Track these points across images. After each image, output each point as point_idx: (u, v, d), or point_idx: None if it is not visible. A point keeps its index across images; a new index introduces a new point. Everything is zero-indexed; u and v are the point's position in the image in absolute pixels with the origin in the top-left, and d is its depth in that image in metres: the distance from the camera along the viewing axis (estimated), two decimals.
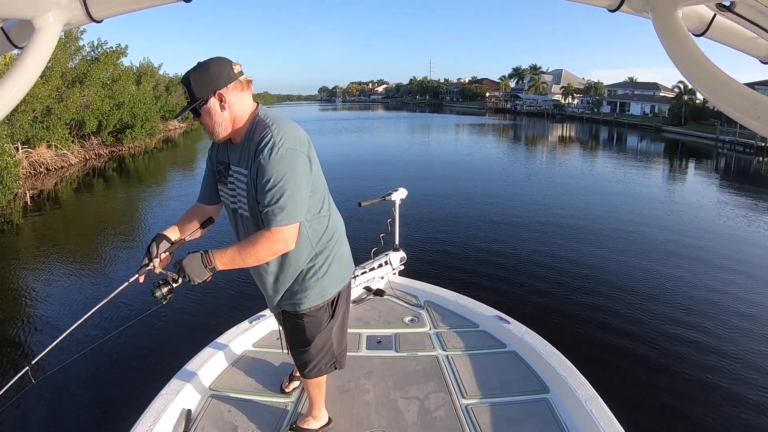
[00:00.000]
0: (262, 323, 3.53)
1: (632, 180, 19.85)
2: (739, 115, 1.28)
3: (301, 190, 1.88)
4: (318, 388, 2.47)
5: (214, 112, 1.91)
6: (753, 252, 10.11)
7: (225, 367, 3.11)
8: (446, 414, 2.65)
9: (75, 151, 22.59)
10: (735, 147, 34.78)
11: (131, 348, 5.96)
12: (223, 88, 1.88)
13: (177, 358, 3.15)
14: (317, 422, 2.53)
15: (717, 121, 42.24)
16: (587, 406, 2.52)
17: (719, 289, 7.87)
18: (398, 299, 4.09)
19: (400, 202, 4.37)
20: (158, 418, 2.48)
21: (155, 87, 38.69)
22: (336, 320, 2.30)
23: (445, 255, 9.25)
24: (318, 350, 2.29)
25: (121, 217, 13.47)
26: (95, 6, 1.45)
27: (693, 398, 5.02)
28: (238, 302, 6.80)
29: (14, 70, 1.33)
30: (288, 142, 1.84)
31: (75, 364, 5.57)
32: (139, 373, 5.21)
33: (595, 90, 69.36)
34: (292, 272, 2.12)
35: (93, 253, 10.09)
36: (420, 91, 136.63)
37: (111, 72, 26.48)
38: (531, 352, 3.13)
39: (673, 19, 1.34)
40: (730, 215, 13.70)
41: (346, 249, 2.31)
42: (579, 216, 12.60)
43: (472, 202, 14.15)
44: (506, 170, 21.57)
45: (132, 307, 6.84)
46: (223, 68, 1.90)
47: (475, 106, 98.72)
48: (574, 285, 7.86)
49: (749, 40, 1.54)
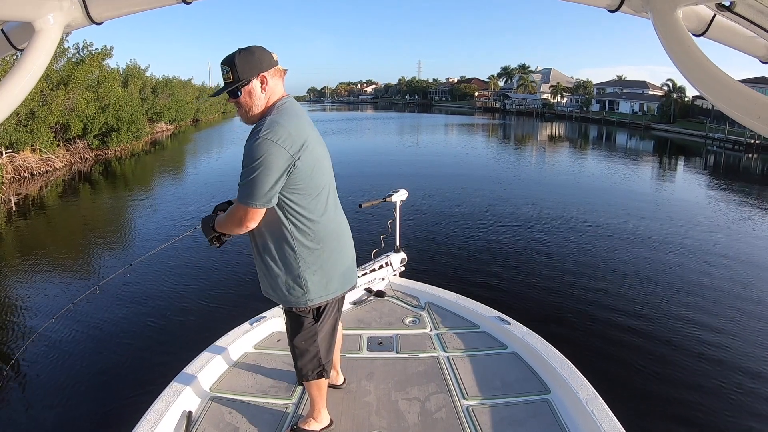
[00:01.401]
0: (263, 325, 3.53)
1: (628, 179, 19.99)
2: (739, 115, 1.30)
3: (266, 178, 1.91)
4: (318, 389, 2.48)
5: (255, 94, 2.02)
6: (759, 253, 10.07)
7: (226, 368, 3.11)
8: (447, 415, 2.65)
9: (60, 155, 22.10)
10: (724, 144, 35.08)
11: (132, 350, 5.95)
12: (266, 71, 2.02)
13: (178, 359, 3.17)
14: (318, 424, 2.53)
15: (706, 119, 42.66)
16: (588, 406, 2.52)
17: (722, 289, 7.83)
18: (399, 300, 4.09)
19: (400, 203, 4.35)
20: (159, 419, 2.49)
21: (142, 89, 38.10)
22: (322, 328, 2.33)
23: (445, 256, 9.26)
24: (302, 352, 2.34)
25: (108, 222, 13.18)
26: (95, 8, 1.48)
27: (694, 398, 5.00)
28: (238, 304, 6.81)
29: (15, 71, 1.35)
30: (272, 135, 1.90)
31: (76, 366, 5.58)
32: (140, 375, 5.20)
33: (584, 88, 69.70)
34: (273, 266, 2.18)
35: (79, 258, 9.86)
36: (409, 91, 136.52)
37: (96, 74, 26.02)
38: (532, 352, 3.13)
39: (673, 19, 1.36)
40: (734, 217, 13.71)
41: (340, 264, 2.29)
42: (579, 216, 12.58)
43: (472, 202, 14.13)
44: (502, 170, 21.58)
45: (133, 308, 6.95)
46: (266, 54, 2.04)
47: (464, 105, 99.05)
48: (575, 285, 7.83)
49: (749, 39, 1.56)
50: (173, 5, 1.60)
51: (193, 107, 54.30)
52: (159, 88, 42.86)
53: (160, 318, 6.70)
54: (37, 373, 5.49)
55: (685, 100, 53.33)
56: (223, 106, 70.27)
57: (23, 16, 1.36)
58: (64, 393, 5.09)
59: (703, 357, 5.76)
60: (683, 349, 5.93)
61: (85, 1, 1.46)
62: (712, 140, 37.15)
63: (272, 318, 3.61)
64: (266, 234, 2.14)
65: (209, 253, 8.93)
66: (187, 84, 54.88)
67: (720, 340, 6.14)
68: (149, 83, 40.74)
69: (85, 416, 4.79)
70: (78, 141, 24.19)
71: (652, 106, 56.94)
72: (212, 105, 65.81)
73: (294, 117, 2.02)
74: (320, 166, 2.11)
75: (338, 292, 2.30)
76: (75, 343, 6.13)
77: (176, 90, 47.18)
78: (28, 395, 5.10)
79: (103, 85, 26.19)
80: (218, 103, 69.27)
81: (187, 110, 49.77)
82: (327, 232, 2.18)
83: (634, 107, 60.83)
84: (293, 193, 2.03)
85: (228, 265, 8.68)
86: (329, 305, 2.31)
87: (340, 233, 2.29)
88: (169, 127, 44.74)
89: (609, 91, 67.52)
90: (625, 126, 52.75)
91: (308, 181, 2.04)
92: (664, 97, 55.12)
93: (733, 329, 6.43)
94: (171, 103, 44.30)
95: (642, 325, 6.49)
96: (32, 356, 5.83)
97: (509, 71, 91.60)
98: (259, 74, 2.00)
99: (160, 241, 9.92)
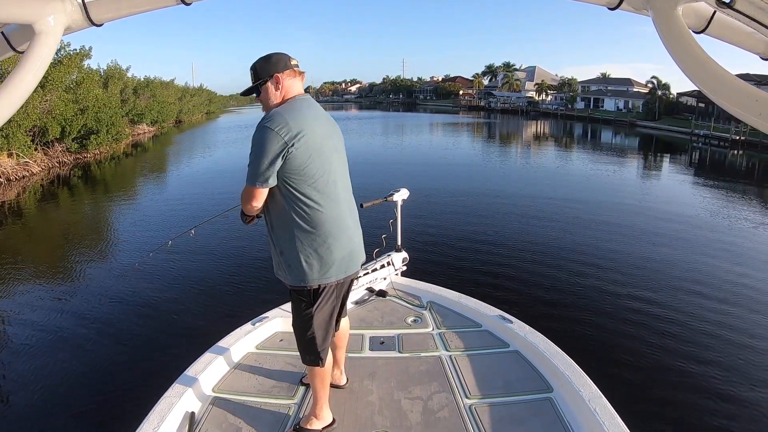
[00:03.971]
0: (265, 325, 3.54)
1: (619, 176, 20.14)
2: (740, 112, 1.30)
3: (262, 160, 2.16)
4: (320, 380, 2.55)
5: (270, 92, 2.32)
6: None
7: (228, 369, 3.12)
8: (450, 414, 2.65)
9: (38, 159, 21.36)
10: (710, 141, 35.33)
11: (134, 351, 5.95)
12: (280, 73, 2.30)
13: (180, 360, 3.17)
14: (320, 422, 2.57)
15: (691, 116, 42.95)
16: (591, 405, 2.51)
17: (728, 288, 7.77)
18: (401, 300, 4.10)
19: (401, 202, 4.35)
20: (162, 420, 2.49)
21: (123, 90, 37.23)
22: (319, 312, 2.42)
23: (446, 255, 9.23)
24: (302, 332, 2.47)
25: (87, 227, 12.78)
26: (95, 10, 1.50)
27: (697, 397, 4.96)
28: (240, 304, 6.73)
29: (16, 73, 1.36)
30: (270, 123, 2.16)
31: (77, 367, 5.58)
32: (143, 376, 5.20)
33: (568, 86, 69.86)
34: (277, 243, 2.39)
35: (58, 266, 9.47)
36: (393, 90, 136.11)
37: (75, 75, 25.27)
38: (534, 351, 3.13)
39: (674, 16, 1.37)
40: (736, 216, 13.70)
41: (339, 250, 2.38)
42: (580, 215, 12.61)
43: (472, 202, 14.07)
44: (493, 168, 21.61)
45: (134, 309, 6.99)
46: (281, 58, 2.33)
47: (448, 104, 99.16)
48: (577, 283, 7.79)
49: (749, 36, 1.55)
50: (173, 6, 1.62)
51: (176, 108, 53.52)
52: (140, 89, 42.01)
53: (162, 319, 6.69)
54: (39, 374, 5.44)
55: (669, 97, 53.77)
56: (206, 107, 69.52)
57: (24, 19, 1.37)
58: (66, 394, 5.07)
59: (707, 356, 5.69)
60: (687, 348, 5.86)
61: (85, 3, 1.46)
62: (697, 137, 37.40)
63: (274, 318, 3.62)
64: (273, 217, 2.37)
65: (209, 254, 9.17)
66: (169, 84, 54.14)
67: (725, 338, 6.09)
68: (130, 84, 39.85)
69: (87, 418, 4.76)
70: (56, 144, 23.42)
71: (637, 104, 57.34)
72: (195, 106, 65.05)
73: (297, 110, 2.24)
74: (320, 156, 2.26)
75: (334, 278, 2.39)
76: (76, 346, 6.10)
77: (158, 91, 46.41)
78: (29, 396, 5.05)
79: (82, 87, 25.44)
80: (201, 104, 68.47)
81: (169, 111, 49.01)
82: (326, 218, 2.30)
83: (619, 105, 61.13)
84: (291, 179, 2.21)
85: (229, 266, 8.66)
86: (326, 290, 2.40)
87: (342, 222, 2.39)
88: (150, 129, 43.84)
89: (594, 89, 67.84)
90: (611, 123, 53.08)
91: (304, 169, 2.21)
92: (648, 95, 55.56)
93: (740, 327, 6.38)
94: (153, 104, 43.50)
95: (645, 323, 6.44)
96: (33, 357, 5.78)
97: (493, 69, 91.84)
98: (274, 75, 2.30)
99: (150, 245, 9.94)
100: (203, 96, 74.52)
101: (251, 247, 9.45)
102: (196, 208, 13.40)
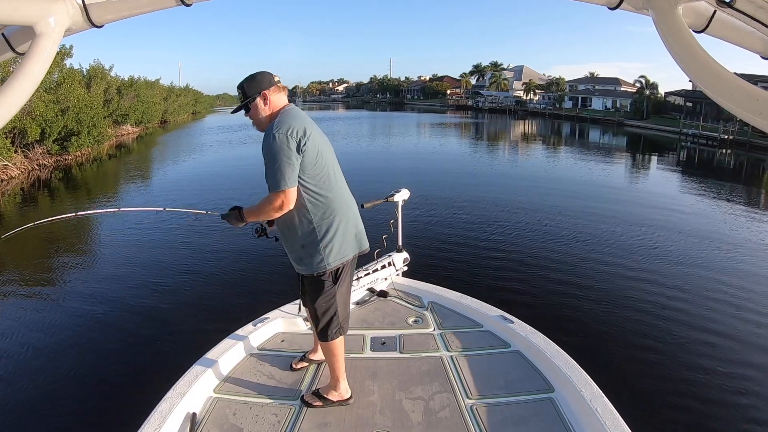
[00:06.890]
0: (267, 326, 3.56)
1: (624, 178, 20.28)
2: (740, 111, 1.30)
3: (287, 161, 2.39)
4: (334, 356, 2.74)
5: (260, 107, 2.59)
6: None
7: (229, 370, 3.13)
8: (451, 414, 2.66)
9: (18, 161, 20.71)
10: (698, 140, 35.47)
11: (135, 352, 5.96)
12: (266, 90, 2.57)
13: (181, 361, 3.17)
14: (337, 393, 2.74)
15: (678, 115, 43.12)
16: (592, 405, 2.52)
17: (730, 289, 7.72)
18: (402, 300, 4.11)
19: (402, 203, 4.36)
20: (163, 421, 2.50)
21: (107, 90, 36.35)
22: (340, 289, 2.70)
23: (447, 255, 9.18)
24: (323, 312, 2.68)
25: (68, 232, 12.22)
26: (96, 11, 1.50)
27: (699, 397, 4.94)
28: (241, 305, 6.73)
29: (17, 75, 1.35)
30: (281, 129, 2.41)
31: (79, 368, 5.57)
32: (144, 377, 5.19)
33: (556, 86, 70.04)
34: (297, 240, 2.61)
35: (38, 274, 9.04)
36: (381, 90, 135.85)
37: (56, 75, 24.58)
38: (535, 351, 3.13)
39: (674, 15, 1.37)
40: (740, 224, 13.65)
41: (351, 229, 2.70)
42: (580, 215, 12.64)
43: (471, 202, 13.97)
44: (495, 169, 21.61)
45: (135, 310, 6.98)
46: (265, 76, 2.61)
47: (436, 103, 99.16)
48: (577, 283, 7.78)
49: (750, 35, 1.55)
50: (173, 7, 1.61)
51: (161, 108, 52.69)
52: (124, 89, 41.16)
53: (164, 320, 6.70)
54: (39, 375, 5.43)
55: (657, 96, 54.04)
56: (192, 107, 68.58)
57: (24, 20, 1.36)
58: (67, 395, 5.08)
59: (709, 355, 5.67)
60: (688, 348, 5.86)
61: (85, 5, 1.46)
62: (686, 136, 37.54)
63: (275, 319, 3.64)
64: (288, 216, 2.55)
65: (210, 255, 9.19)
66: (154, 84, 53.24)
67: (727, 338, 6.09)
68: (114, 84, 38.94)
69: (88, 418, 4.77)
70: (37, 146, 22.73)
71: (624, 103, 57.51)
72: (181, 106, 64.17)
73: (295, 116, 2.54)
74: (323, 152, 2.58)
75: (351, 254, 2.71)
76: (76, 346, 6.10)
77: (142, 91, 45.57)
78: (30, 397, 5.04)
79: (63, 87, 24.74)
80: (187, 104, 67.52)
81: (154, 111, 48.24)
82: (338, 204, 2.62)
83: (606, 104, 61.39)
84: (306, 174, 2.48)
85: (229, 267, 8.64)
86: (345, 267, 2.71)
87: (349, 205, 2.73)
88: (135, 130, 43.10)
89: (581, 88, 68.20)
90: (599, 122, 53.22)
91: (315, 164, 2.50)
92: (636, 94, 55.84)
93: (741, 328, 6.36)
94: (137, 105, 42.69)
95: (646, 323, 6.43)
96: (32, 359, 5.79)
97: (481, 69, 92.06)
98: (261, 92, 2.57)
99: (149, 246, 9.61)
100: (189, 96, 73.57)
101: (251, 247, 9.18)
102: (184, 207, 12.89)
